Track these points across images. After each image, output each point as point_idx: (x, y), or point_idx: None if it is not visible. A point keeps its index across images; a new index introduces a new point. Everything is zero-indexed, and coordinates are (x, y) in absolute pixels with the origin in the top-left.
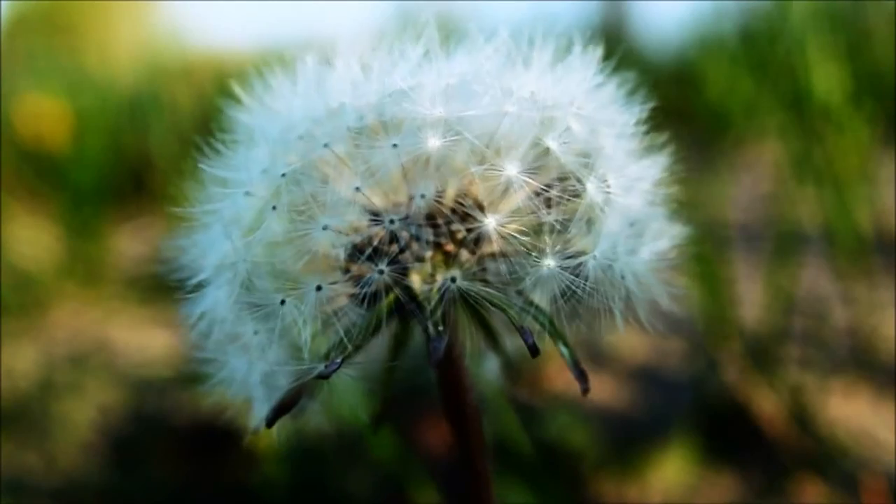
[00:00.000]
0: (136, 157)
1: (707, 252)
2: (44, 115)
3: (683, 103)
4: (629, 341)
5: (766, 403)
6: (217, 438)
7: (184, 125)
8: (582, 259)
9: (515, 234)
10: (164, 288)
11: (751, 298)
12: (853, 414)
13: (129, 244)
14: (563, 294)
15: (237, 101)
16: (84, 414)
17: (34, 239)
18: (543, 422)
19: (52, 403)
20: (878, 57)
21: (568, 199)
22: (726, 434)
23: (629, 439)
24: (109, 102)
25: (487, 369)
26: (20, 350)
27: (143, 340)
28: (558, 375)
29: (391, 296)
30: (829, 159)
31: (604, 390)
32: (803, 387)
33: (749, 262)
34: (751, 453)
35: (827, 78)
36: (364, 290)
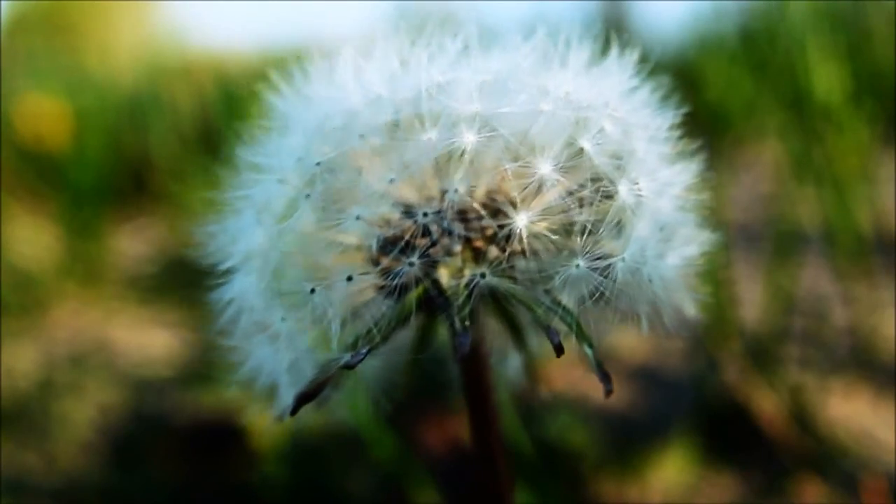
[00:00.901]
0: (136, 157)
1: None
2: (44, 115)
3: (683, 103)
4: (629, 341)
5: (766, 403)
6: (217, 438)
7: (184, 125)
8: (611, 261)
9: (546, 233)
10: (164, 288)
11: (751, 298)
12: (853, 414)
13: (129, 244)
14: (590, 295)
15: (274, 87)
16: (84, 414)
17: (34, 239)
18: (543, 422)
19: (52, 403)
20: (878, 57)
21: (599, 201)
22: (726, 434)
23: (629, 439)
24: (109, 102)
25: (510, 367)
26: (20, 350)
27: (143, 340)
28: (558, 375)
29: (420, 289)
30: (829, 159)
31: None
32: (803, 387)
33: (749, 262)
34: (751, 453)
35: (827, 78)
36: (393, 283)
